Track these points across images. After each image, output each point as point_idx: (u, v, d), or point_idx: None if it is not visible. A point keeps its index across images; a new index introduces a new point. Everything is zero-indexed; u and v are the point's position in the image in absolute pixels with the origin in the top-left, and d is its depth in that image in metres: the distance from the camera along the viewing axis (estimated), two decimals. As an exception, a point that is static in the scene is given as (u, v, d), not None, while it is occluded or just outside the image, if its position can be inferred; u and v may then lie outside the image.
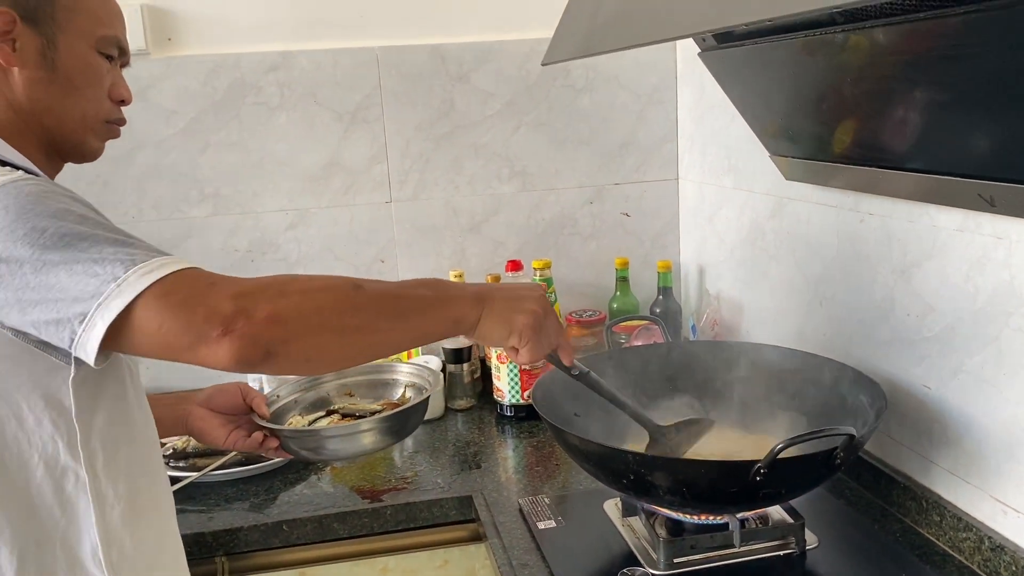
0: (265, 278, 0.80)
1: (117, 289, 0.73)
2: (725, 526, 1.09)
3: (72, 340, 0.74)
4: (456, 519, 1.34)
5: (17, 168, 0.84)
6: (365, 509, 1.31)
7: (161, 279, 0.74)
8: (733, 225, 1.67)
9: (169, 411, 1.12)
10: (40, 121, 0.90)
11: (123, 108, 0.98)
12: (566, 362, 1.02)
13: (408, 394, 1.28)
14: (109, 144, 0.98)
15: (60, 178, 0.93)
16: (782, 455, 0.94)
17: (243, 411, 1.15)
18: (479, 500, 1.32)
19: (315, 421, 1.26)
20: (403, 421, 1.16)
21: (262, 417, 1.13)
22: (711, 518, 1.10)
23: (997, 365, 1.02)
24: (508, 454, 1.52)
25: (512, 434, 1.59)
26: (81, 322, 0.73)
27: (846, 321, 1.32)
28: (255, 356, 0.75)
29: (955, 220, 1.06)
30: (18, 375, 0.80)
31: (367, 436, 1.14)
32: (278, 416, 1.22)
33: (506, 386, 1.62)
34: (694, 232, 1.87)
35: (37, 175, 0.85)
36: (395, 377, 1.31)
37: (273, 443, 1.13)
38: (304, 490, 1.38)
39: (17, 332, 0.78)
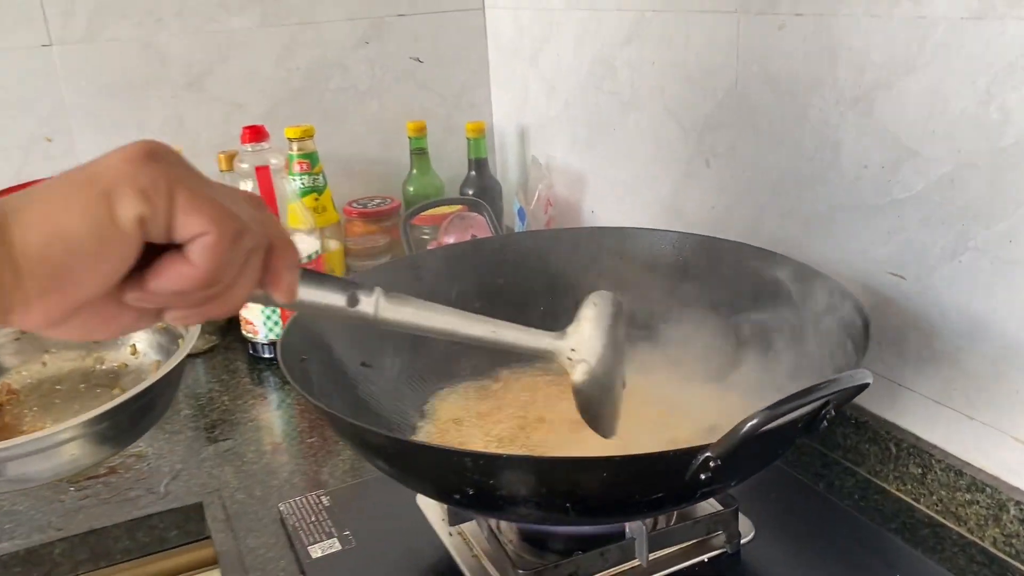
0: None
1: None
2: (621, 535, 0.66)
3: None
4: (176, 542, 0.84)
5: None
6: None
7: None
8: (567, 63, 1.23)
9: None
10: None
11: None
12: (282, 293, 0.44)
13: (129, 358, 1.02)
14: None
15: None
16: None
17: None
18: (215, 509, 0.82)
19: None
20: (133, 419, 0.86)
21: None
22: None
23: (1032, 235, 0.64)
24: (268, 418, 1.02)
25: (274, 385, 1.09)
26: None
27: (751, 186, 0.91)
28: None
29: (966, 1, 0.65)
30: None
31: (71, 447, 0.79)
32: None
33: (259, 318, 1.10)
34: (512, 80, 1.43)
35: None
36: None
37: None
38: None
39: None
